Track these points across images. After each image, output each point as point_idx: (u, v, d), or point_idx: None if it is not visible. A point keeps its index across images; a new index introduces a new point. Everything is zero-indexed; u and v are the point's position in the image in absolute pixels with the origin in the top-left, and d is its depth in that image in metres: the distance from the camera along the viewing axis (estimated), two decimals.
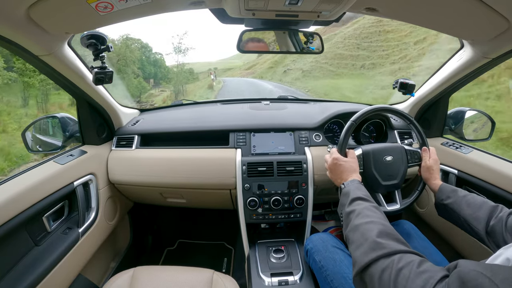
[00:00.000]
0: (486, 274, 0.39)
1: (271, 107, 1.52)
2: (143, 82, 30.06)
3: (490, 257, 0.51)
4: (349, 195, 0.75)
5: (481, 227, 0.74)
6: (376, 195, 1.00)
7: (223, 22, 0.94)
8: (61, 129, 1.18)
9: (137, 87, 27.12)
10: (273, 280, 1.00)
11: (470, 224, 0.77)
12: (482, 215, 0.74)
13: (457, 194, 0.84)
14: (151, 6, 0.72)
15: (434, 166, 0.96)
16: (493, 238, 0.71)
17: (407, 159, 1.00)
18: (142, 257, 1.67)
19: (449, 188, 0.87)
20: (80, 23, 0.78)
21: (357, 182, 0.82)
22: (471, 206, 0.78)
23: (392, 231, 0.59)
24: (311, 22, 0.90)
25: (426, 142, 1.01)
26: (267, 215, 1.18)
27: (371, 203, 0.71)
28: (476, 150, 1.15)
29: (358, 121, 0.98)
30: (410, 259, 0.51)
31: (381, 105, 1.04)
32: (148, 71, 37.37)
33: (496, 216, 0.72)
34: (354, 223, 0.64)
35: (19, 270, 0.81)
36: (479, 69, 1.01)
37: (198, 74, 52.07)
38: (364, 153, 0.98)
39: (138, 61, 32.44)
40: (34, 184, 0.88)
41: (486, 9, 0.68)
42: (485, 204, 0.77)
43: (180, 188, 1.26)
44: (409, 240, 0.94)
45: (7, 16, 0.64)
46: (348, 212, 0.70)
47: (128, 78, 25.42)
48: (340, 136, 0.98)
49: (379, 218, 0.63)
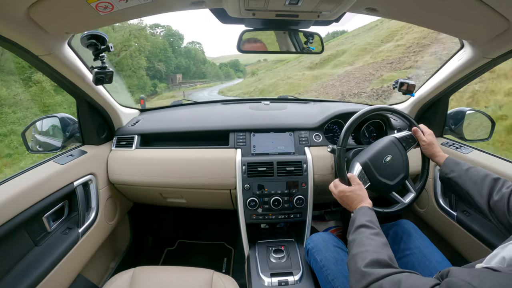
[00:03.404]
0: (474, 284, 0.42)
1: (271, 107, 1.52)
2: (147, 80, 24.03)
3: (487, 256, 0.52)
4: (354, 223, 0.76)
5: (483, 202, 0.75)
6: (391, 195, 1.00)
7: (223, 22, 0.95)
8: (61, 129, 1.18)
9: (139, 86, 21.96)
10: (273, 280, 1.00)
11: (473, 198, 0.78)
12: (484, 190, 0.75)
13: (460, 168, 0.85)
14: (151, 6, 0.72)
15: (433, 139, 0.97)
16: (497, 215, 0.72)
17: (403, 147, 1.00)
18: (142, 257, 1.67)
19: (453, 162, 0.88)
20: (80, 23, 0.78)
21: (366, 209, 0.80)
22: (473, 180, 0.80)
23: (385, 257, 0.61)
24: (311, 22, 0.90)
25: (413, 122, 1.02)
26: (267, 215, 1.18)
27: (372, 229, 0.71)
28: (476, 150, 1.15)
29: (345, 144, 0.96)
30: (397, 278, 0.53)
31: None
32: (176, 64, 30.19)
33: (498, 190, 0.73)
34: (352, 253, 0.67)
35: (19, 270, 0.81)
36: (479, 69, 1.01)
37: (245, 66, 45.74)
38: (363, 167, 0.96)
39: (160, 52, 27.59)
40: (34, 184, 0.88)
41: (486, 9, 0.68)
42: (486, 177, 0.78)
43: (180, 188, 1.26)
44: (410, 240, 0.94)
45: (7, 16, 0.64)
46: (350, 240, 0.72)
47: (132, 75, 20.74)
48: (337, 165, 0.96)
49: (375, 246, 0.65)
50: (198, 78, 34.42)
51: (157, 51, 28.54)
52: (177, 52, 31.96)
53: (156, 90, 25.81)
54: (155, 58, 27.82)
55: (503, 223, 0.70)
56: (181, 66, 31.71)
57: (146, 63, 24.60)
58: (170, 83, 30.93)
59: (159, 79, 28.41)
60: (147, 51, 25.26)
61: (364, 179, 0.96)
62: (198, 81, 34.69)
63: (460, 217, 1.08)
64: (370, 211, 0.79)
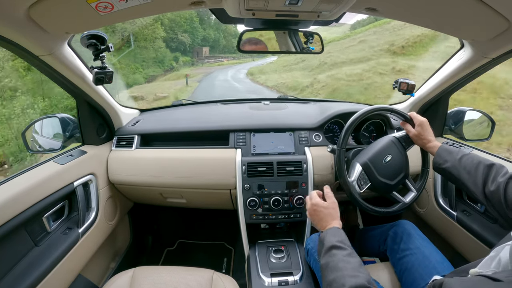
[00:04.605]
0: None
1: (271, 107, 1.52)
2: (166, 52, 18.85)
3: (485, 258, 0.52)
4: (324, 243, 0.72)
5: (479, 192, 0.73)
6: (392, 195, 1.00)
7: (223, 22, 0.95)
8: (61, 129, 1.18)
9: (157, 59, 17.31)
10: (273, 280, 1.00)
11: (469, 189, 0.77)
12: (478, 179, 0.74)
13: (454, 157, 0.82)
14: (151, 6, 0.72)
15: (421, 130, 0.94)
16: (493, 205, 0.70)
17: (402, 146, 1.00)
18: (142, 257, 1.67)
19: (446, 151, 0.85)
20: (80, 23, 0.78)
21: (336, 229, 0.75)
22: (467, 170, 0.78)
23: (363, 281, 0.58)
24: (311, 22, 0.90)
25: (403, 114, 1.00)
26: (267, 215, 1.18)
27: (345, 250, 0.67)
28: (476, 150, 1.15)
29: (344, 144, 0.98)
30: None
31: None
32: (203, 36, 24.55)
33: (493, 179, 0.71)
34: (328, 279, 0.63)
35: (19, 270, 0.81)
36: (479, 69, 1.01)
37: None
38: (364, 167, 0.97)
39: (186, 22, 21.99)
40: (34, 184, 0.88)
41: (486, 9, 0.68)
42: (479, 165, 0.76)
43: (180, 188, 1.26)
44: (410, 240, 0.94)
45: (7, 16, 0.64)
46: (323, 264, 0.68)
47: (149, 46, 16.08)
48: (337, 166, 0.98)
49: (351, 270, 0.62)
50: (228, 53, 28.21)
51: (182, 20, 24.12)
52: (206, 23, 26.55)
53: (170, 65, 21.62)
54: (179, 28, 23.69)
55: (501, 214, 0.69)
56: (209, 38, 26.41)
57: (164, 33, 20.84)
58: (195, 57, 26.60)
59: (182, 52, 24.50)
60: (166, 18, 21.51)
61: (364, 179, 0.96)
62: (225, 56, 28.63)
63: (460, 217, 1.08)
64: (340, 231, 0.74)
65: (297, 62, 20.44)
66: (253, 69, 23.74)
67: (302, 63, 19.58)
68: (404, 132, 1.01)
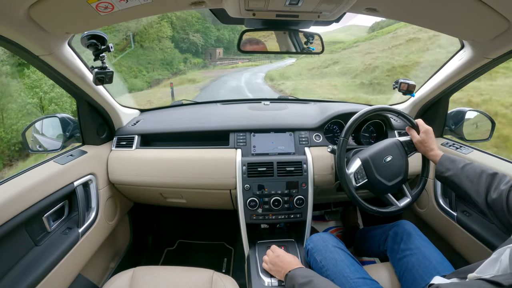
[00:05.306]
0: None
1: (271, 107, 1.52)
2: (175, 53, 16.40)
3: (486, 260, 0.51)
4: (294, 286, 0.79)
5: (481, 200, 0.73)
6: (386, 196, 1.00)
7: (224, 22, 0.95)
8: (61, 129, 1.18)
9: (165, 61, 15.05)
10: (273, 280, 1.00)
11: (471, 197, 0.77)
12: (481, 188, 0.74)
13: (456, 166, 0.83)
14: (151, 6, 0.72)
15: (426, 137, 0.95)
16: (495, 213, 0.70)
17: (404, 151, 1.00)
18: (142, 257, 1.67)
19: (448, 160, 0.86)
20: (81, 23, 0.78)
21: (298, 269, 0.86)
22: (470, 178, 0.78)
23: None
24: (311, 22, 0.90)
25: (410, 120, 1.01)
26: (267, 215, 1.18)
27: (311, 283, 0.74)
28: (476, 151, 1.15)
29: (348, 135, 1.00)
30: None
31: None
32: (216, 37, 22.13)
33: (496, 187, 0.71)
34: None
35: (19, 270, 0.81)
36: (479, 70, 1.01)
37: None
38: (363, 163, 0.97)
39: (198, 21, 19.72)
40: (34, 184, 0.88)
41: (486, 9, 0.68)
42: (482, 174, 0.76)
43: (180, 188, 1.26)
44: (410, 240, 0.94)
45: (7, 16, 0.64)
46: None
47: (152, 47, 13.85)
48: (338, 157, 1.00)
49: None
50: (244, 55, 24.81)
51: (194, 19, 22.13)
52: (219, 23, 25.98)
53: (179, 68, 19.53)
54: (190, 28, 21.78)
55: (503, 222, 0.69)
56: (223, 39, 24.03)
57: (171, 32, 19.09)
58: (208, 59, 24.61)
59: (194, 53, 22.89)
60: (176, 18, 19.75)
61: (361, 174, 0.97)
62: (240, 58, 26.51)
63: (460, 218, 1.08)
64: (301, 265, 0.85)
65: (328, 64, 17.06)
66: (272, 72, 20.64)
67: (337, 66, 15.92)
68: (409, 138, 1.02)
